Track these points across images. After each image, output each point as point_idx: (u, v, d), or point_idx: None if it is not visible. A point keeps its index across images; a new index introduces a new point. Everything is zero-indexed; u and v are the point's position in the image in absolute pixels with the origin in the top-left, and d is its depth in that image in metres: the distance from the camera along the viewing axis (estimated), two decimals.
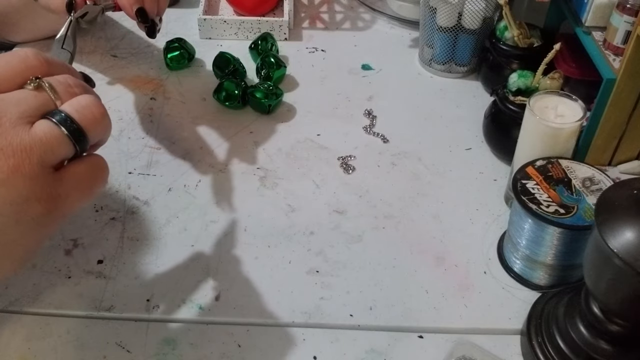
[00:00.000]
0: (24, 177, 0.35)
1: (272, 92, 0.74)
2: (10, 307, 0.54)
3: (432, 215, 0.64)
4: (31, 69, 0.39)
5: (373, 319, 0.54)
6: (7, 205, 0.35)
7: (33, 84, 0.38)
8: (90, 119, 0.39)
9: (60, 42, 0.53)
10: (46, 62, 0.40)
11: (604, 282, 0.43)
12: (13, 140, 0.36)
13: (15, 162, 0.35)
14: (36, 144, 0.36)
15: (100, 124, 0.39)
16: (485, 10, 0.76)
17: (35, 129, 0.37)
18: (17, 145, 0.36)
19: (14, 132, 0.36)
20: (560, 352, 0.49)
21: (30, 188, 0.36)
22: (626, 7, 0.61)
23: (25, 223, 0.37)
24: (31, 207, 0.36)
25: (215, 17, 0.87)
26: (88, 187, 0.40)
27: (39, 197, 0.36)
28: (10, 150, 0.35)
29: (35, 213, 0.36)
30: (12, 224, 0.36)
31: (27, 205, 0.36)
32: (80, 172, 0.39)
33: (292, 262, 0.59)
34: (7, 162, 0.35)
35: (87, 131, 0.39)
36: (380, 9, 0.94)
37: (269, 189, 0.66)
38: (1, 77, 0.38)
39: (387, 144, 0.72)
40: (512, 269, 0.58)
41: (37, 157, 0.36)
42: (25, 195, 0.36)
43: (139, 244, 0.60)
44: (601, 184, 0.55)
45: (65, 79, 0.40)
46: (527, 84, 0.65)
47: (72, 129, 0.38)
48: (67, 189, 0.38)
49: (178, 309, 0.54)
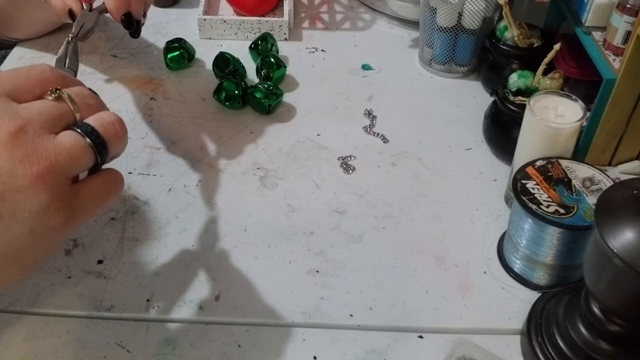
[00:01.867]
0: (46, 186, 0.36)
1: (272, 92, 0.74)
2: (10, 307, 0.54)
3: (432, 215, 0.64)
4: (49, 81, 0.39)
5: (373, 319, 0.54)
6: (26, 213, 0.35)
7: (53, 95, 0.39)
8: (114, 134, 0.40)
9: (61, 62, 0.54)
10: (61, 77, 0.41)
11: (604, 282, 0.43)
12: (38, 149, 0.36)
13: (39, 171, 0.35)
14: (61, 154, 0.36)
15: (122, 140, 0.41)
16: (485, 10, 0.76)
17: (61, 138, 0.37)
18: (42, 154, 0.36)
19: (39, 141, 0.36)
20: (560, 352, 0.49)
21: (52, 198, 0.36)
22: (626, 7, 0.61)
23: (39, 233, 0.37)
24: (48, 217, 0.36)
25: (215, 17, 0.87)
26: (103, 201, 0.41)
27: (58, 207, 0.36)
28: (35, 159, 0.35)
29: (51, 224, 0.37)
30: (27, 232, 0.36)
31: (45, 215, 0.36)
32: (97, 185, 0.40)
33: (292, 262, 0.59)
34: (32, 169, 0.35)
35: (109, 145, 0.39)
36: (380, 9, 0.94)
37: (269, 189, 0.66)
38: (22, 87, 0.38)
39: (387, 144, 0.72)
40: (512, 269, 0.58)
41: (61, 167, 0.36)
42: (45, 205, 0.36)
43: (139, 244, 0.60)
44: (601, 184, 0.55)
45: (81, 91, 0.41)
46: (527, 84, 0.65)
47: (98, 142, 0.39)
48: (84, 201, 0.39)
49: (178, 309, 0.54)
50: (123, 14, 0.65)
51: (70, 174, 0.37)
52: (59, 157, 0.36)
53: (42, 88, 0.39)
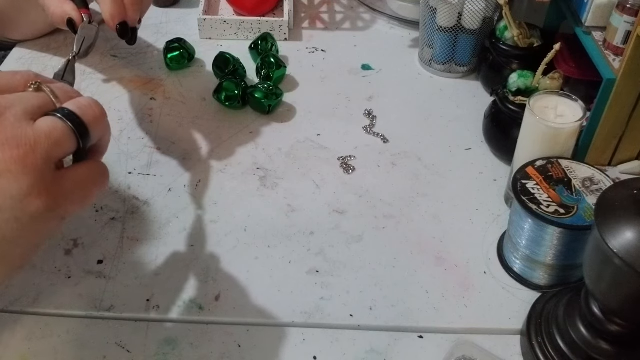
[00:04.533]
0: (26, 170, 0.35)
1: (272, 92, 0.74)
2: (10, 307, 0.54)
3: (432, 215, 0.64)
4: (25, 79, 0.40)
5: (373, 319, 0.54)
6: (8, 199, 0.35)
7: (34, 87, 0.39)
8: (92, 115, 0.40)
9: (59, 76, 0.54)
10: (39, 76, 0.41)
11: (604, 282, 0.43)
12: (17, 133, 0.36)
13: (19, 154, 0.35)
14: (41, 137, 0.37)
15: (102, 122, 0.41)
16: (485, 10, 0.76)
17: (39, 123, 0.37)
18: (22, 138, 0.36)
19: (19, 125, 0.36)
20: (560, 352, 0.49)
21: (33, 182, 0.36)
22: (626, 7, 0.61)
23: (23, 221, 0.36)
24: (32, 202, 0.36)
25: (215, 17, 0.87)
26: (88, 190, 0.41)
27: (40, 192, 0.36)
28: (15, 143, 0.35)
29: (35, 209, 0.36)
30: (12, 220, 0.36)
31: (28, 200, 0.36)
32: (81, 173, 0.40)
33: (292, 262, 0.59)
34: (11, 153, 0.35)
35: (89, 127, 0.40)
36: (380, 9, 0.94)
37: (269, 189, 0.66)
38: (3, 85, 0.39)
39: (387, 144, 0.72)
40: (512, 269, 0.58)
41: (41, 151, 0.36)
42: (26, 189, 0.36)
43: (139, 244, 0.60)
44: (601, 184, 0.55)
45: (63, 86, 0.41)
46: (527, 84, 0.65)
47: (77, 122, 0.39)
48: (68, 188, 0.39)
49: (178, 309, 0.54)
50: (119, 23, 0.64)
51: (52, 158, 0.37)
52: (38, 140, 0.36)
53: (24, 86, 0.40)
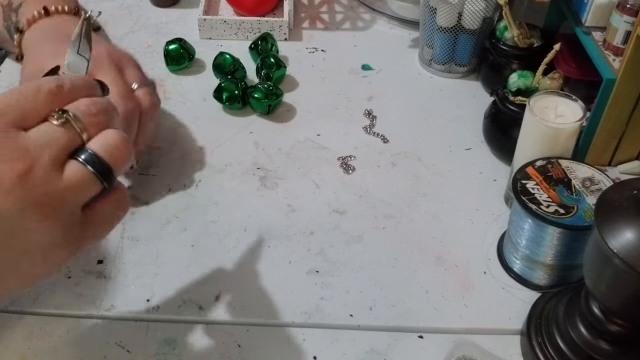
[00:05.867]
0: (56, 227, 0.36)
1: (272, 92, 0.74)
2: (10, 307, 0.54)
3: (432, 215, 0.64)
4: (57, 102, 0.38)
5: (373, 319, 0.54)
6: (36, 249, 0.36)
7: (60, 120, 0.37)
8: (118, 157, 0.38)
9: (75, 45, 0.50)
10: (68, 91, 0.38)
11: (604, 282, 0.43)
12: (48, 189, 0.35)
13: (51, 211, 0.35)
14: (69, 191, 0.36)
15: (127, 162, 0.40)
16: (485, 10, 0.76)
17: (67, 175, 0.36)
18: (53, 194, 0.35)
19: (49, 181, 0.35)
20: (560, 352, 0.49)
21: (63, 235, 0.36)
22: (626, 7, 0.61)
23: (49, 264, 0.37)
24: (57, 252, 0.37)
25: (215, 17, 0.87)
26: (113, 223, 0.41)
27: (69, 243, 0.37)
28: (47, 199, 0.35)
29: (59, 258, 0.37)
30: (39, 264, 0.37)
31: (53, 250, 0.37)
32: (106, 210, 0.40)
33: (292, 262, 0.59)
34: (43, 209, 0.35)
35: (114, 169, 0.38)
36: (380, 9, 0.94)
37: (269, 189, 0.66)
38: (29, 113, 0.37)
39: (387, 144, 0.72)
40: (512, 269, 0.58)
41: (70, 204, 0.36)
42: (57, 242, 0.36)
43: (139, 244, 0.60)
44: (601, 184, 0.55)
45: (88, 107, 0.38)
46: (527, 84, 0.65)
47: (101, 168, 0.37)
48: (94, 228, 0.39)
49: (178, 309, 0.54)
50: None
51: (78, 206, 0.37)
52: (67, 195, 0.36)
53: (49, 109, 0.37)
